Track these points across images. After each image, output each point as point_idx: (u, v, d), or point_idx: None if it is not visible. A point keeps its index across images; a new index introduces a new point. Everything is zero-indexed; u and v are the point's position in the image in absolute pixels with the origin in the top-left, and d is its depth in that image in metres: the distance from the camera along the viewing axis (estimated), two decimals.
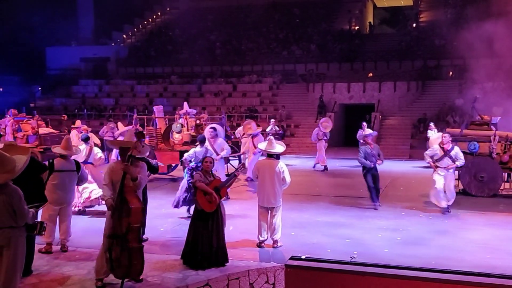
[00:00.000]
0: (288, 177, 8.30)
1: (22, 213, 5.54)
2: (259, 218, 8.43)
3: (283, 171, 8.26)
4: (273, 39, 38.23)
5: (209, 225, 7.19)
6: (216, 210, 7.26)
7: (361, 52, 34.96)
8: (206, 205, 7.20)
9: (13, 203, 5.46)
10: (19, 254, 5.60)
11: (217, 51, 38.29)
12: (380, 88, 28.63)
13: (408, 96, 28.04)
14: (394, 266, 7.35)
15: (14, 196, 5.48)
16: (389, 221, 10.26)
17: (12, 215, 5.49)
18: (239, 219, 10.21)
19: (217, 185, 7.32)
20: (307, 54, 35.55)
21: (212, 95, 32.59)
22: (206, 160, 7.49)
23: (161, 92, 34.27)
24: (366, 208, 11.48)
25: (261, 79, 33.21)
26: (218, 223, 7.28)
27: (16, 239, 5.57)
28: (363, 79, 29.77)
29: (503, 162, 12.06)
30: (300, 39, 37.53)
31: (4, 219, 5.49)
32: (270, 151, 8.52)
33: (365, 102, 28.33)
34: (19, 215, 5.51)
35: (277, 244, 8.36)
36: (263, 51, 36.87)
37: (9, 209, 5.46)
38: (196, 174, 7.45)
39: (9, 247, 5.53)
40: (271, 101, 31.09)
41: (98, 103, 33.80)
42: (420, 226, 9.86)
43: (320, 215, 10.71)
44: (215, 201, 7.21)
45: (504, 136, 12.51)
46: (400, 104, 27.82)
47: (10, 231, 5.52)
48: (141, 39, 43.62)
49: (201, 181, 7.24)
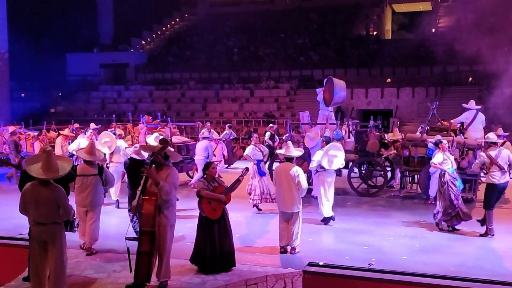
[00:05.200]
0: (304, 182, 8.24)
1: (66, 209, 6.01)
2: (279, 225, 8.46)
3: (297, 175, 8.21)
4: (291, 44, 38.32)
5: (215, 230, 7.24)
6: (222, 215, 7.31)
7: (379, 57, 34.86)
8: (211, 213, 7.22)
9: (58, 199, 5.94)
10: (64, 248, 6.05)
11: (235, 57, 38.49)
12: (398, 93, 28.50)
13: (426, 102, 27.76)
14: (413, 273, 7.31)
15: (59, 192, 6.00)
16: (408, 228, 10.21)
17: (57, 211, 5.95)
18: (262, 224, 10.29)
19: (222, 191, 7.31)
20: (324, 59, 35.56)
21: (229, 100, 32.76)
22: (212, 166, 7.44)
23: (179, 97, 34.57)
24: (384, 214, 11.42)
25: (278, 85, 33.32)
26: (226, 228, 7.34)
27: (60, 235, 6.00)
28: (381, 85, 29.68)
29: (461, 168, 12.14)
30: (317, 44, 37.56)
31: (50, 215, 5.91)
32: (287, 155, 8.57)
33: (383, 107, 28.22)
34: (63, 211, 6.00)
35: (294, 251, 8.37)
36: (281, 57, 36.98)
37: (55, 205, 5.93)
38: (199, 182, 7.39)
39: (55, 242, 5.95)
40: (288, 107, 31.14)
41: (117, 108, 34.18)
42: (439, 233, 9.78)
43: (338, 222, 10.68)
44: (220, 208, 7.23)
45: (461, 143, 12.60)
46: (419, 110, 27.64)
47: (55, 226, 5.97)
48: (159, 45, 44.08)
49: (205, 189, 7.24)
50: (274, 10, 43.56)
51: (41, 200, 5.90)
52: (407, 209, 11.89)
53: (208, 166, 7.47)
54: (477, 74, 28.43)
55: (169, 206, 6.66)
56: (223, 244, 7.28)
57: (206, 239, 7.24)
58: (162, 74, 38.49)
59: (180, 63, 39.04)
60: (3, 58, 30.57)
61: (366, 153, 13.61)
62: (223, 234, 7.30)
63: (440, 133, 13.14)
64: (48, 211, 5.88)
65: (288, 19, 41.35)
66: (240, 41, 39.90)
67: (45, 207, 5.90)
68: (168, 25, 47.09)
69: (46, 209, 5.89)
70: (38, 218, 5.93)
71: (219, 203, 7.25)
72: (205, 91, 34.61)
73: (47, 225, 5.89)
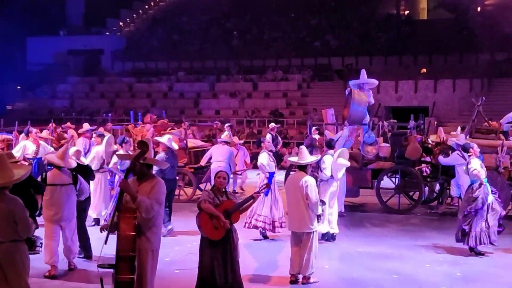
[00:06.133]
0: (313, 195, 8.19)
1: (25, 224, 5.85)
2: (291, 249, 8.50)
3: (306, 186, 8.20)
4: (303, 26, 38.41)
5: (220, 255, 7.15)
6: (226, 237, 7.20)
7: (412, 43, 34.88)
8: (212, 232, 7.12)
9: (16, 212, 5.78)
10: (24, 273, 5.87)
11: (234, 42, 38.61)
12: (436, 87, 28.53)
13: (470, 97, 27.77)
14: None
15: (16, 205, 5.82)
16: (447, 252, 10.25)
17: (14, 227, 5.76)
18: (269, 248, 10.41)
19: (228, 208, 7.19)
20: (344, 45, 35.63)
21: (227, 95, 32.86)
22: (219, 175, 7.36)
23: (166, 91, 34.66)
24: (418, 236, 11.47)
25: (287, 76, 33.39)
26: (231, 253, 7.23)
27: (20, 256, 5.85)
28: (414, 76, 29.70)
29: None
30: (336, 27, 37.63)
31: (5, 232, 5.75)
32: (299, 163, 8.62)
33: (417, 104, 28.25)
34: (22, 227, 5.82)
35: (307, 281, 8.37)
36: (291, 42, 37.06)
37: (11, 221, 5.74)
38: (204, 192, 7.40)
39: (13, 265, 5.77)
40: (299, 103, 31.23)
41: (89, 105, 34.29)
42: (485, 259, 9.84)
43: (362, 244, 10.74)
44: (223, 227, 7.11)
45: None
46: (461, 107, 27.66)
47: (12, 245, 5.78)
48: (141, 28, 44.21)
49: (208, 201, 7.15)
50: None
51: None
52: (446, 229, 11.90)
53: (215, 175, 7.46)
54: None
55: (151, 226, 6.57)
56: (228, 273, 7.19)
57: (210, 265, 7.15)
58: (144, 63, 38.63)
59: (166, 50, 39.14)
60: None
61: (406, 160, 13.71)
62: (229, 260, 7.20)
63: (487, 136, 13.16)
64: (3, 227, 5.77)
65: None
66: (241, 23, 39.99)
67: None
68: (152, 2, 47.25)
69: (0, 225, 5.78)
70: None
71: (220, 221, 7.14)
72: (198, 83, 34.71)
73: (3, 244, 5.78)
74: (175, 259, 9.66)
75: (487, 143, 12.89)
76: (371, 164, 14.06)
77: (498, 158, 12.48)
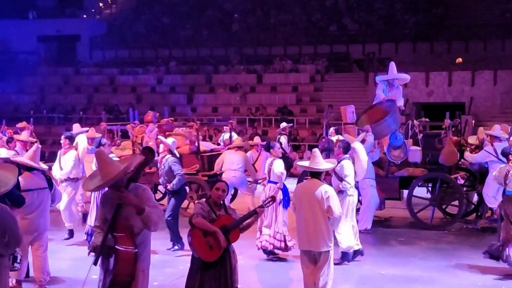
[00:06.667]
0: (335, 208, 8.18)
1: (17, 237, 6.22)
2: (302, 269, 8.51)
3: (327, 198, 8.15)
4: (316, 8, 38.44)
5: (213, 280, 7.12)
6: (223, 258, 7.16)
7: (445, 27, 34.89)
8: (205, 252, 7.08)
9: (6, 224, 6.12)
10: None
11: (235, 26, 38.65)
12: (474, 80, 28.52)
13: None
14: None
15: (6, 214, 6.18)
16: (487, 275, 10.24)
17: (2, 240, 6.12)
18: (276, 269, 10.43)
19: (227, 224, 7.14)
20: (365, 30, 35.69)
21: (226, 89, 32.94)
22: (217, 186, 7.36)
23: (154, 85, 34.73)
24: (452, 256, 11.49)
25: (298, 67, 33.45)
26: (227, 278, 7.18)
27: (3, 272, 6.24)
28: (448, 67, 29.70)
29: None
30: (355, 8, 37.65)
31: None
32: (313, 169, 8.58)
33: (451, 100, 28.26)
34: (13, 240, 6.20)
35: None
36: (302, 26, 37.10)
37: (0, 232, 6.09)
38: (197, 205, 7.32)
39: None
40: (312, 99, 31.30)
41: (63, 101, 34.35)
42: None
43: (387, 266, 10.77)
44: (219, 246, 7.07)
45: None
46: (503, 103, 27.67)
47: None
48: (124, 10, 44.25)
49: (201, 215, 7.13)
50: None
51: None
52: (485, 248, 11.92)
53: (213, 185, 7.46)
54: None
55: (142, 242, 6.62)
56: None
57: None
58: (128, 51, 38.72)
59: (155, 36, 39.25)
60: None
61: (440, 166, 13.72)
62: (224, 283, 7.17)
63: None
64: None
65: None
66: (242, 3, 40.05)
67: None
68: None
69: None
70: None
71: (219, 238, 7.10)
72: (192, 75, 34.80)
73: None
74: (165, 283, 9.71)
75: None
76: (399, 171, 14.06)
77: None
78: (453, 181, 13.91)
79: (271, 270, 10.66)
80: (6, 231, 6.14)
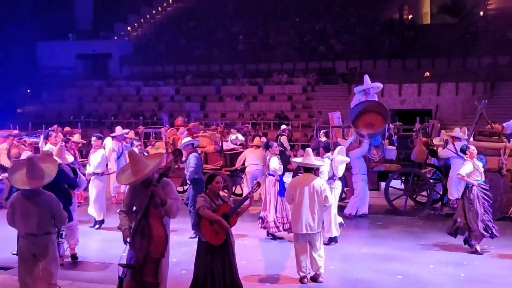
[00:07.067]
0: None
1: (61, 218, 6.76)
2: (296, 249, 8.48)
3: (324, 189, 8.41)
4: (308, 31, 38.40)
5: (219, 259, 7.14)
6: (225, 241, 7.17)
7: (415, 46, 34.82)
8: (213, 237, 7.08)
9: (52, 208, 6.66)
10: (56, 263, 6.80)
11: (240, 46, 38.63)
12: (439, 90, 28.46)
13: (473, 100, 27.60)
14: None
15: (53, 201, 6.71)
16: (451, 253, 10.21)
17: (50, 220, 6.66)
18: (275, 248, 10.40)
19: (227, 212, 7.15)
20: (349, 49, 35.59)
21: (233, 98, 32.89)
22: (217, 180, 7.26)
23: (173, 95, 34.72)
24: (422, 237, 11.43)
25: (292, 80, 33.39)
26: (230, 257, 7.22)
27: (53, 246, 6.77)
28: (418, 80, 29.63)
29: None
30: (341, 31, 37.61)
31: (43, 225, 6.59)
32: (308, 164, 8.60)
33: (420, 107, 28.18)
34: (58, 221, 6.74)
35: (317, 278, 8.47)
36: (296, 46, 37.06)
37: (48, 215, 6.62)
38: (200, 198, 7.22)
39: (46, 255, 6.65)
40: (304, 106, 31.21)
41: (97, 108, 34.37)
42: (489, 260, 9.79)
43: (366, 246, 10.71)
44: (224, 231, 7.10)
45: None
46: (464, 110, 27.57)
47: (47, 237, 6.68)
48: (149, 32, 44.31)
49: (206, 207, 7.10)
50: None
51: (31, 210, 6.56)
52: None
53: (211, 179, 7.40)
54: None
55: (165, 225, 6.72)
56: (227, 277, 7.17)
57: (207, 270, 7.12)
58: (152, 67, 38.68)
59: (173, 54, 39.20)
60: None
61: (412, 162, 13.68)
62: (228, 264, 7.19)
63: (490, 138, 13.16)
64: (40, 221, 6.56)
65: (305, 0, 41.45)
66: (246, 27, 40.03)
67: (36, 217, 6.55)
68: (159, 7, 47.34)
69: (38, 219, 6.54)
70: (29, 229, 6.60)
71: (221, 225, 7.13)
72: (204, 87, 34.76)
73: (39, 237, 6.58)
74: (181, 259, 9.65)
75: (490, 146, 12.92)
76: (378, 166, 14.01)
77: (501, 161, 12.53)
78: (423, 175, 13.86)
79: (270, 249, 10.60)
80: (53, 214, 6.62)
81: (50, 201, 6.68)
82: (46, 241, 6.65)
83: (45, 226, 6.62)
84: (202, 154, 15.11)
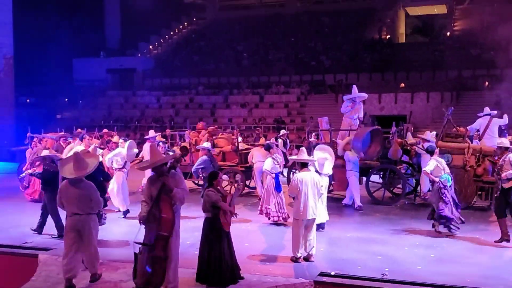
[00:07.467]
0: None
1: (98, 202, 7.43)
2: (296, 233, 8.41)
3: (319, 181, 8.63)
4: (302, 48, 38.35)
5: (225, 242, 7.31)
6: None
7: (392, 62, 34.76)
8: (226, 225, 7.35)
9: (91, 193, 7.31)
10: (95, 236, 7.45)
11: (244, 62, 38.59)
12: (413, 99, 28.41)
13: (441, 107, 27.54)
14: (427, 284, 7.27)
15: (91, 187, 7.38)
16: (423, 237, 10.15)
17: (89, 203, 7.28)
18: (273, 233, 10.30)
19: (229, 202, 7.41)
20: (336, 64, 35.54)
21: (238, 106, 32.82)
22: (220, 176, 7.52)
23: (187, 103, 34.68)
24: (398, 223, 11.36)
25: (288, 90, 33.32)
26: (230, 240, 7.46)
27: (94, 224, 7.40)
28: (394, 90, 29.59)
29: (477, 175, 12.18)
30: (329, 48, 37.56)
31: (84, 206, 7.22)
32: (303, 160, 8.60)
33: (397, 113, 28.10)
34: (95, 204, 7.38)
35: (310, 258, 8.47)
36: (291, 61, 37.01)
37: (87, 199, 7.26)
38: (211, 193, 7.27)
39: (88, 231, 7.24)
40: (298, 112, 31.12)
41: (124, 114, 34.34)
42: (455, 243, 9.73)
43: (351, 230, 10.66)
44: (230, 219, 7.41)
45: (477, 149, 12.61)
46: (434, 115, 27.51)
47: (87, 217, 7.26)
48: (167, 50, 44.30)
49: (220, 200, 7.25)
50: (284, 14, 43.65)
51: (76, 195, 7.22)
52: (422, 218, 11.76)
53: (215, 176, 7.44)
54: (494, 79, 28.24)
55: (176, 211, 6.76)
56: (232, 256, 7.38)
57: (216, 252, 7.22)
58: (170, 79, 38.65)
59: (188, 68, 39.19)
60: (8, 63, 30.78)
61: (389, 160, 13.62)
62: (231, 246, 7.43)
63: (456, 139, 13.12)
64: (82, 204, 7.20)
65: (299, 22, 41.41)
66: (249, 46, 40.00)
67: (79, 201, 7.21)
68: (176, 29, 47.34)
69: (80, 203, 7.20)
70: (75, 210, 7.22)
71: (229, 214, 7.38)
72: (214, 96, 34.70)
73: (82, 216, 7.20)
74: (194, 242, 9.58)
75: (456, 146, 12.88)
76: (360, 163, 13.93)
77: (465, 158, 12.51)
78: (398, 171, 13.78)
79: (269, 233, 10.53)
80: (91, 198, 7.28)
81: (89, 188, 7.33)
82: (88, 219, 7.22)
83: (85, 207, 7.21)
84: (221, 153, 15.10)
